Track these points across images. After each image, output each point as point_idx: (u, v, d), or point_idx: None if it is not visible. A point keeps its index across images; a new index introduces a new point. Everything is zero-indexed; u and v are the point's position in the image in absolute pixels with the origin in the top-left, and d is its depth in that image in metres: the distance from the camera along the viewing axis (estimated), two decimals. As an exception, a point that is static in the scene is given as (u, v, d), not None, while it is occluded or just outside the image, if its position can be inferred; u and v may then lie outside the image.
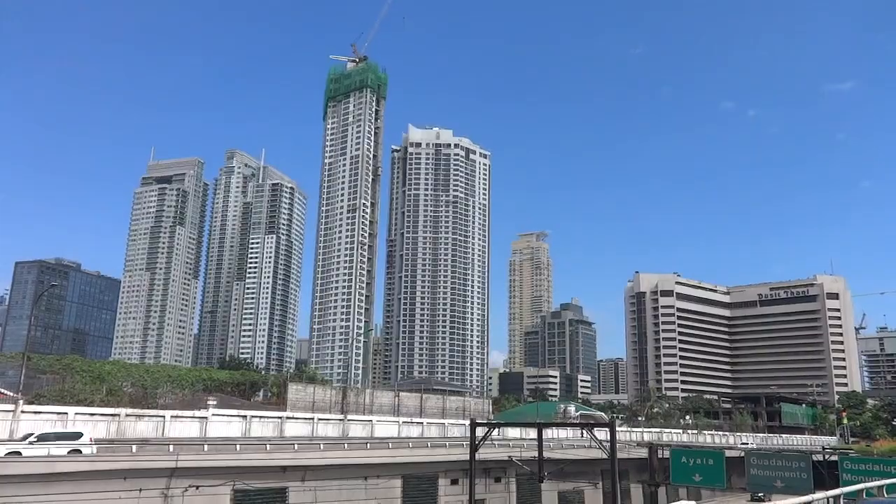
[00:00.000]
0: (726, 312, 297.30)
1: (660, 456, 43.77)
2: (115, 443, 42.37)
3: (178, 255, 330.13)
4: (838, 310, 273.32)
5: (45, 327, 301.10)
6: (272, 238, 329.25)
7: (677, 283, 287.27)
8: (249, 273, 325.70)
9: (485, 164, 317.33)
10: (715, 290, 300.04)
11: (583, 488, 68.39)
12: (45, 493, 34.89)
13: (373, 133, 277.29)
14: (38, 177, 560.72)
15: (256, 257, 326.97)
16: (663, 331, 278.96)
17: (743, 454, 40.61)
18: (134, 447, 41.57)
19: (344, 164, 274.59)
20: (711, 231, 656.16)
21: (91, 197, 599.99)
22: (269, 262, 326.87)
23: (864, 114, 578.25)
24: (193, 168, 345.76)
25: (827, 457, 40.86)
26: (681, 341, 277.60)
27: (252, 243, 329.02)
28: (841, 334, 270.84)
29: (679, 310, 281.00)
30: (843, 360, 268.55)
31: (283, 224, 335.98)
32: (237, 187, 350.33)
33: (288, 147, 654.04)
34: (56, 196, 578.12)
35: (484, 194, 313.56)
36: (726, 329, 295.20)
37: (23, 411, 40.52)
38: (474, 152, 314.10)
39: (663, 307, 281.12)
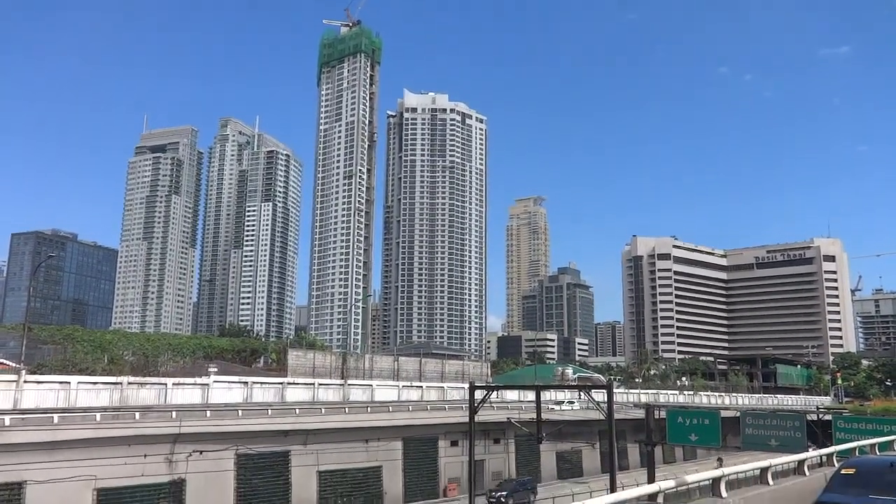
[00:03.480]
0: (723, 275, 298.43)
1: (656, 417, 44.27)
2: (120, 410, 42.82)
3: (175, 224, 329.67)
4: (834, 272, 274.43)
5: (44, 298, 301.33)
6: (268, 206, 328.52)
7: (674, 246, 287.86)
8: (247, 241, 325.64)
9: (481, 129, 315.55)
10: (712, 254, 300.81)
11: (580, 448, 69.40)
12: (50, 459, 35.39)
13: (368, 98, 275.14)
14: (30, 147, 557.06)
15: (253, 225, 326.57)
16: (660, 294, 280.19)
17: (738, 414, 41.15)
18: (137, 414, 42.05)
19: (339, 131, 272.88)
20: (709, 195, 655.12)
21: (85, 167, 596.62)
22: (267, 230, 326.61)
23: (859, 79, 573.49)
24: (187, 136, 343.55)
25: (821, 416, 41.44)
26: (678, 304, 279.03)
27: (248, 211, 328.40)
28: (837, 296, 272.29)
29: (676, 273, 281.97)
30: (839, 321, 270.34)
31: (280, 191, 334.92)
32: (232, 155, 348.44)
33: (282, 114, 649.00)
34: (49, 166, 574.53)
35: (480, 159, 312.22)
36: (723, 292, 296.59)
37: (26, 381, 40.86)
38: (470, 117, 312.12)
39: (660, 270, 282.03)
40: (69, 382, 43.37)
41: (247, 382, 54.18)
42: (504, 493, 49.40)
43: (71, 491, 36.27)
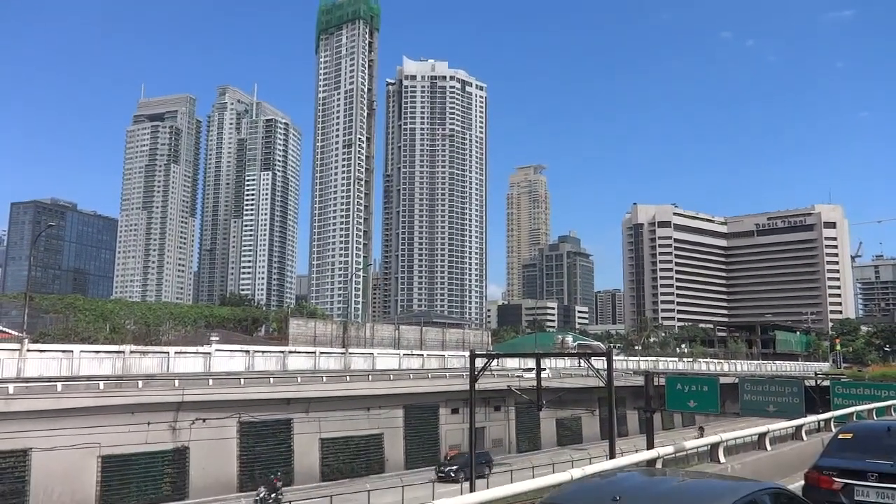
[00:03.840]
0: (723, 243, 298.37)
1: (655, 383, 44.60)
2: (122, 379, 43.10)
3: (174, 194, 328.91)
4: (835, 238, 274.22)
5: (44, 267, 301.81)
6: (268, 175, 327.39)
7: (675, 213, 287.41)
8: (246, 210, 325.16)
9: (481, 97, 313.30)
10: (712, 221, 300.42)
11: (580, 415, 70.00)
12: (54, 427, 35.71)
13: (366, 66, 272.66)
14: (27, 115, 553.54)
15: (253, 194, 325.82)
16: (660, 262, 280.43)
17: (737, 381, 41.41)
18: (140, 383, 42.36)
19: (338, 99, 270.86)
20: (710, 162, 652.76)
21: (83, 136, 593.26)
22: (266, 199, 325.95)
23: (863, 42, 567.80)
24: (185, 105, 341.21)
25: (819, 382, 41.71)
26: (678, 272, 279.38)
27: (248, 180, 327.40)
28: (837, 263, 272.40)
29: (676, 241, 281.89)
30: (839, 288, 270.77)
31: (279, 160, 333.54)
32: (230, 124, 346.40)
33: (280, 82, 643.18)
34: (47, 135, 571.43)
35: (481, 127, 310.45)
36: (723, 259, 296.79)
37: (28, 350, 41.05)
38: (470, 84, 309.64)
39: (661, 238, 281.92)
40: (72, 351, 43.61)
41: (248, 351, 54.45)
42: (454, 466, 47.33)
43: (75, 458, 36.70)
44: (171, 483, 40.47)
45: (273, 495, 37.76)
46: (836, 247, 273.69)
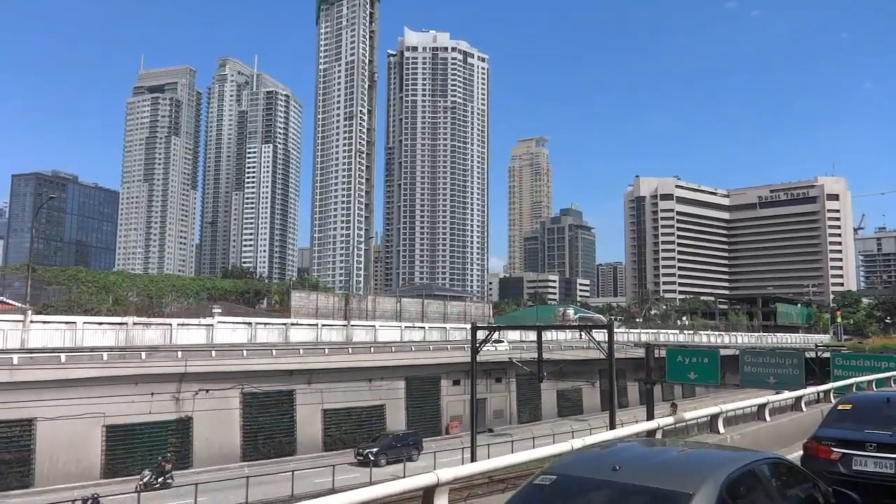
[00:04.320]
0: (726, 215, 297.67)
1: (656, 356, 44.79)
2: (126, 350, 43.37)
3: (175, 166, 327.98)
4: (838, 211, 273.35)
5: (46, 239, 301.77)
6: (269, 147, 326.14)
7: (677, 186, 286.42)
8: (248, 183, 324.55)
9: (483, 69, 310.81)
10: (715, 193, 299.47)
11: (581, 387, 70.48)
12: (59, 397, 36.01)
13: (367, 37, 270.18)
14: (26, 87, 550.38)
15: (254, 167, 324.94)
16: (662, 234, 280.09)
17: (737, 352, 41.57)
18: (143, 354, 42.64)
19: (339, 70, 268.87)
20: (713, 134, 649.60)
21: (83, 107, 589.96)
22: (268, 172, 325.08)
23: (869, 12, 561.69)
24: (185, 77, 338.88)
25: (819, 354, 41.85)
26: (679, 244, 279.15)
27: (249, 153, 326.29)
28: (839, 235, 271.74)
29: (678, 213, 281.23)
30: (840, 260, 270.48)
31: (280, 133, 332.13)
32: (231, 96, 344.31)
33: (281, 54, 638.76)
34: (47, 107, 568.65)
35: (482, 99, 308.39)
36: (725, 232, 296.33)
37: (32, 321, 41.26)
38: (472, 56, 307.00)
39: (663, 211, 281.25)
40: (75, 323, 43.85)
41: (251, 323, 54.69)
42: (374, 450, 43.12)
43: (80, 427, 37.10)
44: (176, 452, 40.93)
45: (160, 479, 35.50)
46: (838, 219, 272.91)
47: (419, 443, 46.87)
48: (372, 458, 41.80)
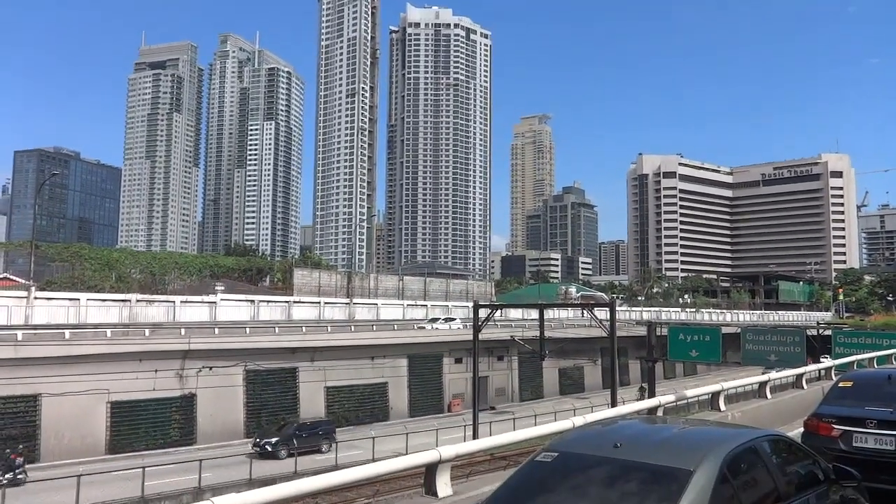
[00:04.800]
0: (728, 193, 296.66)
1: (658, 334, 44.92)
2: (130, 327, 43.55)
3: (178, 143, 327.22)
4: (841, 188, 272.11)
5: (49, 216, 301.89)
6: (271, 124, 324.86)
7: (680, 164, 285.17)
8: (250, 160, 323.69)
9: (486, 45, 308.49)
10: (718, 171, 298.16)
11: (582, 365, 70.76)
12: (63, 374, 36.22)
13: (369, 13, 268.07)
14: (27, 62, 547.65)
15: (256, 144, 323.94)
16: (665, 212, 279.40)
17: (739, 330, 41.67)
18: (147, 331, 42.83)
19: (341, 47, 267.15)
20: (717, 112, 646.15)
21: (84, 84, 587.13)
22: (270, 149, 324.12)
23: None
24: (187, 53, 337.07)
25: (821, 331, 41.94)
26: (682, 222, 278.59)
27: (251, 130, 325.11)
28: (842, 212, 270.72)
29: (681, 191, 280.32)
30: (843, 237, 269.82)
31: (282, 110, 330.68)
32: (233, 72, 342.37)
33: (282, 30, 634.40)
34: (48, 83, 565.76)
35: (485, 77, 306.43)
36: (728, 209, 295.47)
37: (36, 298, 41.40)
38: (475, 32, 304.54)
39: (665, 189, 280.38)
40: (79, 299, 43.99)
41: (254, 301, 54.85)
42: (272, 440, 38.60)
43: (85, 403, 37.36)
44: (180, 429, 41.28)
45: (10, 475, 30.50)
46: (842, 196, 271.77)
47: (331, 433, 41.45)
48: (269, 450, 37.73)
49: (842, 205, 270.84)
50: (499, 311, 52.53)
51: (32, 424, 35.81)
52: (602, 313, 47.09)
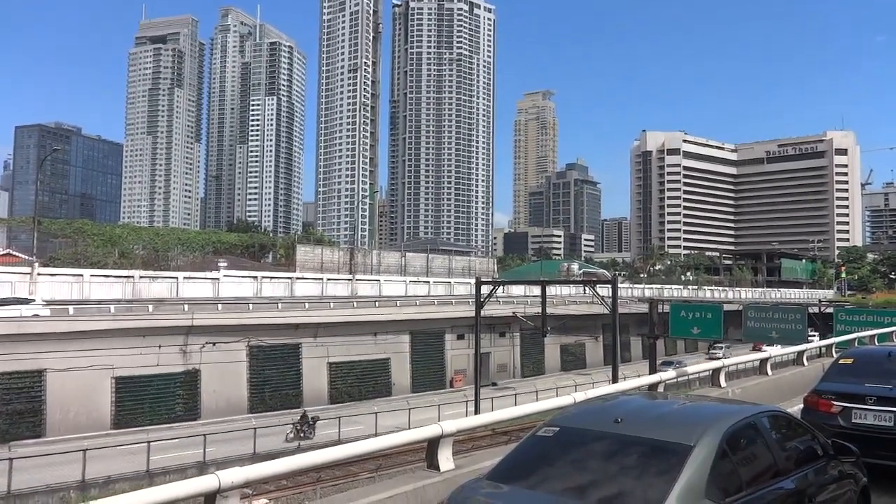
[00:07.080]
0: (733, 170, 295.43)
1: (660, 311, 44.98)
2: (133, 303, 43.70)
3: (179, 118, 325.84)
4: (846, 166, 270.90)
5: (51, 192, 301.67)
6: (273, 100, 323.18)
7: (684, 141, 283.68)
8: (252, 136, 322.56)
9: (489, 20, 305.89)
10: (722, 148, 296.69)
11: (584, 341, 70.99)
12: (67, 349, 36.42)
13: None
14: (27, 37, 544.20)
15: (258, 120, 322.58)
16: (668, 189, 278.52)
17: (741, 308, 41.71)
18: (150, 307, 42.98)
19: (343, 21, 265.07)
20: (721, 89, 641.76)
21: (84, 58, 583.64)
22: (272, 125, 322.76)
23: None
24: (187, 27, 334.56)
25: (823, 309, 41.99)
26: (685, 200, 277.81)
27: (253, 105, 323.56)
28: (847, 190, 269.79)
29: (685, 168, 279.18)
30: (847, 215, 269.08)
31: (284, 85, 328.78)
32: (234, 47, 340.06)
33: (284, 4, 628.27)
34: (48, 57, 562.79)
35: (489, 52, 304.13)
36: (732, 187, 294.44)
37: (39, 274, 41.52)
38: (478, 6, 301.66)
39: (669, 166, 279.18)
40: (82, 275, 44.11)
41: (256, 277, 54.97)
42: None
43: (90, 379, 37.59)
44: (184, 404, 41.55)
45: None
46: (846, 174, 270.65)
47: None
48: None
49: (846, 182, 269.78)
50: (501, 287, 52.60)
51: (38, 400, 36.06)
52: (604, 290, 47.16)
